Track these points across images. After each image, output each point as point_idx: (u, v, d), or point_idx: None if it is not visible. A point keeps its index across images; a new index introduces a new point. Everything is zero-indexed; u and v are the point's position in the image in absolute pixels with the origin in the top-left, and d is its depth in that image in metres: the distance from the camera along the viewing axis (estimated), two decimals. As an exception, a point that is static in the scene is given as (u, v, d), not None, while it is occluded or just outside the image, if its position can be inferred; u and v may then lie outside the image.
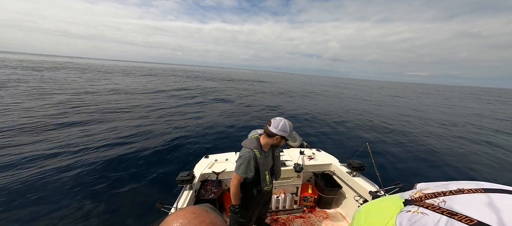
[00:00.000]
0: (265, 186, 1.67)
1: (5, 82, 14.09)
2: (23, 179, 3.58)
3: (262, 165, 1.62)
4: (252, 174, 1.60)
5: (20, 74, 20.25)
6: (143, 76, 31.67)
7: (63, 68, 34.44)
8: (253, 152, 1.59)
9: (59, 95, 11.12)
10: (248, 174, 1.59)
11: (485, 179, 0.97)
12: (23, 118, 6.74)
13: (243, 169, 1.58)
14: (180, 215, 0.52)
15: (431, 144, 7.20)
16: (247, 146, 1.63)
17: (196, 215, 0.53)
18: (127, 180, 3.91)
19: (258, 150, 1.60)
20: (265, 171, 1.65)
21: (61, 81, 17.02)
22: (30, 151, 4.56)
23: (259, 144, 1.63)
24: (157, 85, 20.46)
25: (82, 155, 4.64)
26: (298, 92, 23.66)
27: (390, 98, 25.31)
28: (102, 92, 13.23)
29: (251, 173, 1.60)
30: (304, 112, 11.77)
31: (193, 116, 9.13)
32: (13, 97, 9.65)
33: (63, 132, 5.87)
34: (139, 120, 7.72)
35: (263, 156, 1.63)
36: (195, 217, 0.52)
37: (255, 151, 1.59)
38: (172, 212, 0.82)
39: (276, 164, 1.83)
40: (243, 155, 1.61)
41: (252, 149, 1.60)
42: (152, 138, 6.05)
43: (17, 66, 30.14)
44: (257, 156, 1.60)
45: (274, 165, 1.81)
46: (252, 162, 1.58)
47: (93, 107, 9.04)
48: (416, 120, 11.51)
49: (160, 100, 12.16)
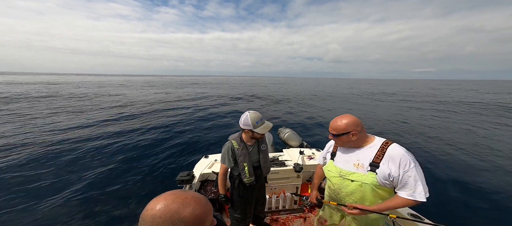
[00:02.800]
0: (244, 177, 1.74)
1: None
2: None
3: (239, 155, 1.71)
4: (231, 164, 1.72)
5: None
6: (152, 87, 32.37)
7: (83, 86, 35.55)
8: (231, 142, 1.72)
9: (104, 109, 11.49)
10: (227, 164, 1.72)
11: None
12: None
13: (222, 158, 1.75)
14: (161, 198, 0.55)
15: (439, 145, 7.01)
16: (229, 138, 1.77)
17: (176, 195, 0.55)
18: (127, 179, 3.99)
19: (236, 141, 1.72)
20: (243, 162, 1.72)
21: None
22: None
23: (239, 137, 1.76)
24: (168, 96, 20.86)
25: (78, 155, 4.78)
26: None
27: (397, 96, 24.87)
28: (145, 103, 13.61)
29: (231, 164, 1.72)
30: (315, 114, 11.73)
31: (194, 117, 9.27)
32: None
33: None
34: (140, 124, 7.89)
35: (241, 147, 1.72)
36: (177, 196, 0.55)
37: (233, 141, 1.72)
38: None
39: (263, 158, 1.86)
40: (224, 146, 1.77)
41: (230, 140, 1.74)
42: (153, 138, 6.20)
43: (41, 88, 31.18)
44: (235, 146, 1.71)
45: (260, 159, 1.84)
46: (230, 152, 1.71)
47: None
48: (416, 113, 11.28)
49: (162, 107, 12.40)
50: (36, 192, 3.58)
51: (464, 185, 4.04)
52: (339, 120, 1.36)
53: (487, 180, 4.20)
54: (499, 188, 3.89)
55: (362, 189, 1.32)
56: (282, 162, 2.68)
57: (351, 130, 1.31)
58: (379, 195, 1.30)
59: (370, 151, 1.31)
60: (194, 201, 0.55)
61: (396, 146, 1.25)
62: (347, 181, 1.39)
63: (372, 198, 1.31)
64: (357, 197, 1.36)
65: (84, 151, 5.33)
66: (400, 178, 1.19)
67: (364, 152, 1.33)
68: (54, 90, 23.21)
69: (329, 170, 1.53)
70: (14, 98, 15.27)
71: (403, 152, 1.21)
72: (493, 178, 4.30)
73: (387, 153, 1.24)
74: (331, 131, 1.40)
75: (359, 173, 1.33)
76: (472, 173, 4.60)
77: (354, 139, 1.33)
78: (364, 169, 1.30)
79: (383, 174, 1.23)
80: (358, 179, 1.32)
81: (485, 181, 4.16)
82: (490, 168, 4.81)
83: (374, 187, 1.28)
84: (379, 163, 1.25)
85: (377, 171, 1.25)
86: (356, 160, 1.36)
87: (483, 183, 4.08)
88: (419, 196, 1.15)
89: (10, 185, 3.75)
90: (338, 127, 1.35)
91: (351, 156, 1.39)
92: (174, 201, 0.53)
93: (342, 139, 1.36)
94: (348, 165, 1.39)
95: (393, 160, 1.20)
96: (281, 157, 2.85)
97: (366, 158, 1.31)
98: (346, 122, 1.33)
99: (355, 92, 30.50)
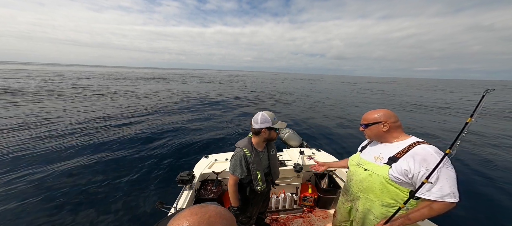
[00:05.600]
0: (257, 186, 1.67)
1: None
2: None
3: (252, 164, 1.63)
4: (245, 173, 1.62)
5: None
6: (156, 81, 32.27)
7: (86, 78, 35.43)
8: (243, 151, 1.61)
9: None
10: (240, 174, 1.61)
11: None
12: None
13: (233, 168, 1.62)
14: (182, 221, 0.49)
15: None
16: (238, 145, 1.67)
17: (199, 215, 0.50)
18: (126, 180, 4.00)
19: (248, 149, 1.62)
20: (256, 170, 1.64)
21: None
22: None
23: (250, 143, 1.66)
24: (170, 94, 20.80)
25: (79, 155, 4.80)
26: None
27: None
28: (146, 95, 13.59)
29: (244, 173, 1.61)
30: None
31: (195, 118, 9.26)
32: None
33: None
34: (140, 124, 7.90)
35: (253, 155, 1.64)
36: (199, 216, 0.50)
37: (244, 149, 1.62)
38: (171, 213, 0.79)
39: (273, 164, 1.82)
40: (234, 155, 1.65)
41: (241, 148, 1.62)
42: (152, 138, 6.21)
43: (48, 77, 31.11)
44: (247, 154, 1.62)
45: (270, 165, 1.81)
46: (243, 161, 1.60)
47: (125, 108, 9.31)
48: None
49: (163, 104, 12.38)
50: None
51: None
52: (372, 112, 1.35)
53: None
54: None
55: (371, 179, 1.29)
56: (282, 162, 2.68)
57: (381, 120, 1.29)
58: (387, 190, 1.23)
59: (396, 147, 1.24)
60: (220, 219, 0.51)
61: (427, 146, 1.13)
62: (360, 169, 1.39)
63: (378, 191, 1.26)
64: (364, 186, 1.34)
65: (72, 151, 5.33)
66: (419, 176, 1.07)
67: (389, 147, 1.28)
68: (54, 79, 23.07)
69: (352, 159, 1.55)
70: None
71: (432, 151, 1.09)
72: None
73: (412, 151, 1.14)
74: (362, 121, 1.39)
75: (374, 163, 1.31)
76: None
77: (384, 129, 1.28)
78: (381, 162, 1.27)
79: (399, 169, 1.14)
80: (370, 169, 1.31)
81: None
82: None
83: (384, 180, 1.23)
84: (399, 158, 1.17)
85: (393, 165, 1.18)
86: (378, 153, 1.33)
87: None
88: (443, 197, 1.00)
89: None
90: (369, 118, 1.34)
91: (376, 149, 1.37)
92: (199, 223, 0.48)
93: (372, 130, 1.33)
94: (369, 157, 1.38)
95: (416, 157, 1.10)
96: (281, 157, 2.86)
97: (389, 152, 1.26)
98: (378, 113, 1.31)
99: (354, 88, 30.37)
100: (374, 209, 1.30)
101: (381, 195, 1.25)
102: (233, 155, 1.66)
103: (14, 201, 3.24)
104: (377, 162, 1.29)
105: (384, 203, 1.25)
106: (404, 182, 1.14)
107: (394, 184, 1.18)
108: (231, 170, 1.64)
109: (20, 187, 3.59)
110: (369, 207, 1.34)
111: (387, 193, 1.22)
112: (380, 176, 1.23)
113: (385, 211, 1.25)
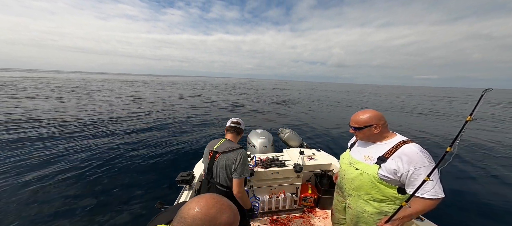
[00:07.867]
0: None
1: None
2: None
3: None
4: (248, 173, 1.61)
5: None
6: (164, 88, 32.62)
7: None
8: (244, 150, 1.62)
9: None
10: (246, 173, 1.54)
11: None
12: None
13: (241, 171, 1.49)
14: (202, 201, 0.60)
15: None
16: (238, 146, 1.60)
17: (216, 200, 0.61)
18: (127, 180, 3.99)
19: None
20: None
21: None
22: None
23: (236, 143, 1.73)
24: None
25: (77, 153, 4.80)
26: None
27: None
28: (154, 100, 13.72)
29: (248, 173, 1.60)
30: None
31: (195, 120, 9.31)
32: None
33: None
34: (140, 124, 7.94)
35: None
36: (216, 201, 0.60)
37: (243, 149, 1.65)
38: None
39: None
40: (242, 156, 1.52)
41: (241, 147, 1.60)
42: (152, 139, 6.22)
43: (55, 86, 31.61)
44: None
45: None
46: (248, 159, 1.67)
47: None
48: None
49: (164, 108, 12.47)
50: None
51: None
52: (361, 114, 1.37)
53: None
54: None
55: (362, 178, 1.34)
56: (282, 162, 2.67)
57: (373, 123, 1.32)
58: (377, 187, 1.29)
59: (384, 146, 1.30)
60: (229, 209, 0.61)
61: (412, 145, 1.20)
62: (352, 168, 1.43)
63: (369, 189, 1.32)
64: (356, 184, 1.39)
65: (76, 149, 5.36)
66: (408, 175, 1.15)
67: (378, 147, 1.34)
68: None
69: (343, 158, 1.60)
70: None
71: (418, 150, 1.17)
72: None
73: (399, 150, 1.21)
74: (353, 124, 1.40)
75: (365, 163, 1.35)
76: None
77: (376, 132, 1.32)
78: (371, 162, 1.32)
79: (388, 169, 1.21)
80: (361, 168, 1.36)
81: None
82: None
83: (373, 179, 1.28)
84: (387, 158, 1.24)
85: (382, 165, 1.24)
86: (367, 153, 1.38)
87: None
88: (428, 194, 1.09)
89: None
90: (360, 121, 1.36)
91: (365, 149, 1.41)
92: (214, 206, 0.58)
93: (364, 132, 1.36)
94: (359, 156, 1.43)
95: (404, 157, 1.17)
96: (281, 157, 2.85)
97: (377, 152, 1.31)
98: (368, 116, 1.33)
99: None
100: (366, 206, 1.38)
101: (371, 192, 1.32)
102: (239, 158, 1.50)
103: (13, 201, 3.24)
104: (367, 162, 1.35)
105: (374, 198, 1.33)
106: (392, 180, 1.22)
107: (383, 182, 1.26)
108: (238, 175, 1.47)
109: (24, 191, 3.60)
110: (361, 204, 1.40)
111: (377, 190, 1.29)
112: (371, 175, 1.29)
113: (378, 206, 1.33)
